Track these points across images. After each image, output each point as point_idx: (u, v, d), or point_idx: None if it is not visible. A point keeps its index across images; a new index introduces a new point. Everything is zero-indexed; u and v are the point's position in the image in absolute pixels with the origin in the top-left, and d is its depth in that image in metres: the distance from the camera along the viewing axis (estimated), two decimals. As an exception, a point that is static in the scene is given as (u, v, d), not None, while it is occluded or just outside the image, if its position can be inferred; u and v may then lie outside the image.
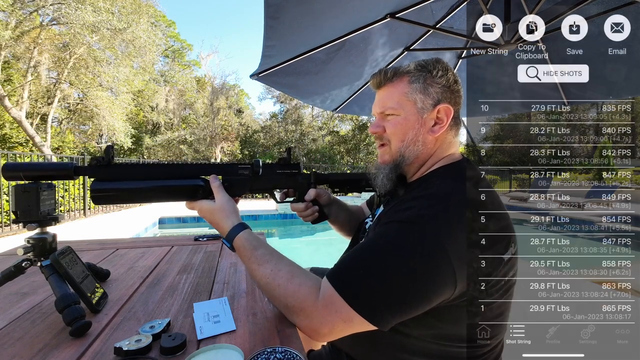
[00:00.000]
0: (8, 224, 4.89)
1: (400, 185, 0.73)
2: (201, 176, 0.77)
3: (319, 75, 2.20)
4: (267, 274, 0.63)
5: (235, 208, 0.75)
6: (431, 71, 0.69)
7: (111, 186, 0.69)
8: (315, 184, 0.90)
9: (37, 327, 0.63)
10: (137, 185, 0.71)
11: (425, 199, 0.61)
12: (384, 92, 0.73)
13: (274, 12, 1.37)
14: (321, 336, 0.58)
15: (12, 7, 9.37)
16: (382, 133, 0.73)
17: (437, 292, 0.55)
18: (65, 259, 0.69)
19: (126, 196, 0.71)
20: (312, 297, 0.57)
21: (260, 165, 0.81)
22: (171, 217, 7.31)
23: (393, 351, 0.65)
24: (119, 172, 0.70)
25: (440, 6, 1.95)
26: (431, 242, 0.54)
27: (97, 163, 0.68)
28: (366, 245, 0.61)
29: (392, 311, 0.54)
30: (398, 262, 0.54)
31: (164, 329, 0.61)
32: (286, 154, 0.88)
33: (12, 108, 10.11)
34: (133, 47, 11.74)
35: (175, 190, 0.74)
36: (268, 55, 1.74)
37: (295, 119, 19.88)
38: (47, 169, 0.67)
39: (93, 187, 0.68)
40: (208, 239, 1.39)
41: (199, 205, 0.75)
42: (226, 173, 0.79)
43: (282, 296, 0.60)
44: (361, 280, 0.55)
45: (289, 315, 0.61)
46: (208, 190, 0.76)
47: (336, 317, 0.55)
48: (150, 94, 16.70)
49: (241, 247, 0.68)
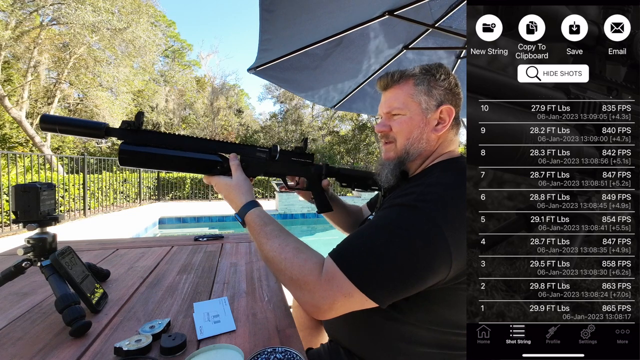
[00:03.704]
0: (8, 224, 4.89)
1: (403, 180, 0.77)
2: (221, 153, 0.80)
3: (317, 70, 2.20)
4: (275, 248, 0.65)
5: (250, 187, 0.78)
6: (435, 75, 0.74)
7: (138, 149, 0.72)
8: (325, 175, 0.96)
9: (37, 327, 0.63)
10: (162, 152, 0.74)
11: (425, 185, 0.64)
12: (391, 93, 0.77)
13: (269, 5, 1.37)
14: (322, 312, 0.59)
15: (12, 7, 9.37)
16: (388, 132, 0.77)
17: (433, 270, 0.57)
18: (65, 259, 0.69)
19: (150, 161, 0.74)
20: (316, 272, 0.59)
21: (278, 151, 0.85)
22: (171, 217, 7.32)
23: (391, 341, 0.66)
24: (147, 137, 0.72)
25: (439, 5, 1.95)
26: (429, 223, 0.57)
27: (128, 127, 0.70)
28: (367, 226, 0.63)
29: (389, 287, 0.57)
30: (397, 241, 0.57)
31: (164, 329, 0.61)
32: (302, 143, 0.92)
33: (12, 108, 10.12)
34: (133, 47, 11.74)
35: (195, 163, 0.77)
36: (265, 49, 1.74)
37: (295, 119, 19.89)
38: (81, 126, 0.69)
39: (122, 148, 0.70)
40: (208, 239, 1.40)
41: (216, 179, 0.79)
42: (245, 154, 0.83)
43: (287, 269, 0.62)
44: (362, 258, 0.57)
45: (292, 289, 0.63)
46: (226, 167, 0.79)
47: (337, 292, 0.57)
48: (150, 94, 16.70)
49: (252, 222, 0.72)
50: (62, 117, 0.68)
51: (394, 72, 0.76)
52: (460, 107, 0.76)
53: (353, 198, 8.81)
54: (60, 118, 0.68)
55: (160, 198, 10.14)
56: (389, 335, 0.67)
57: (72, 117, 0.75)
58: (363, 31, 1.91)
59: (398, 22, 1.87)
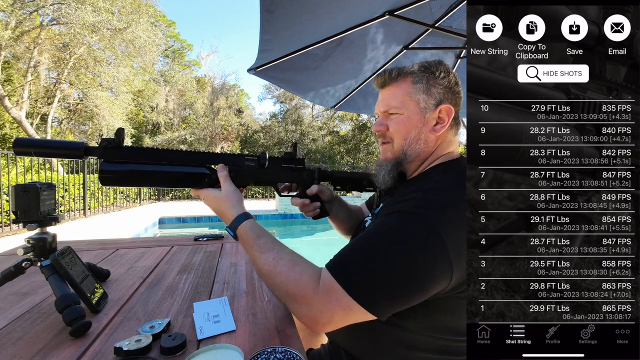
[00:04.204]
0: (8, 224, 4.89)
1: (401, 182, 0.75)
2: (208, 165, 0.78)
3: (317, 71, 2.20)
4: (269, 262, 0.63)
5: (241, 198, 0.76)
6: (434, 72, 0.71)
7: (119, 168, 0.69)
8: (318, 180, 0.92)
9: (37, 327, 0.63)
10: (145, 168, 0.71)
11: (424, 191, 0.62)
12: (388, 91, 0.74)
13: (269, 5, 1.37)
14: (320, 325, 0.58)
15: (12, 7, 9.37)
16: (385, 131, 0.74)
17: (434, 281, 0.55)
18: (65, 259, 0.69)
19: (133, 179, 0.72)
20: (313, 286, 0.58)
21: (267, 158, 0.82)
22: (171, 217, 7.32)
23: (392, 346, 0.65)
24: (128, 154, 0.70)
25: (439, 5, 1.95)
26: (429, 232, 0.55)
27: (108, 144, 0.68)
28: (365, 235, 0.61)
29: (390, 300, 0.55)
30: (397, 252, 0.55)
31: (164, 329, 0.61)
32: (292, 149, 0.89)
33: (12, 108, 10.12)
34: (133, 47, 11.74)
35: (182, 177, 0.75)
36: (265, 49, 1.74)
37: (295, 119, 19.88)
38: (58, 147, 0.66)
39: (102, 168, 0.68)
40: (208, 239, 1.40)
41: (204, 193, 0.76)
42: (233, 164, 0.80)
43: (283, 284, 0.60)
44: (360, 270, 0.56)
45: (289, 303, 0.61)
46: (214, 179, 0.77)
47: (336, 306, 0.55)
48: (150, 94, 16.69)
49: (244, 235, 0.69)
50: (37, 140, 0.66)
51: (392, 69, 0.74)
52: (460, 106, 0.74)
53: (353, 198, 8.81)
54: (35, 141, 0.65)
55: (160, 198, 10.15)
56: (388, 341, 0.65)
57: (47, 138, 0.73)
58: (363, 31, 1.92)
59: (398, 22, 1.87)
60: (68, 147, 0.66)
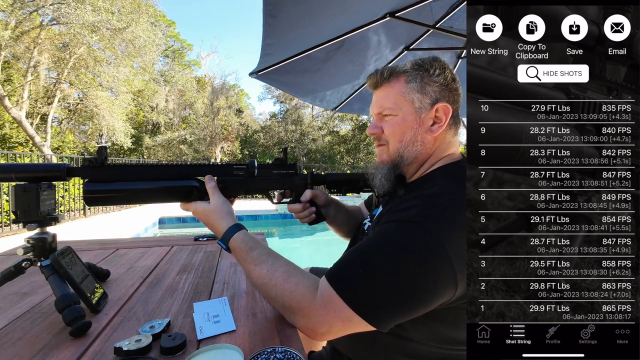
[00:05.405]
0: (8, 224, 4.89)
1: (400, 186, 0.72)
2: (196, 177, 0.76)
3: (318, 73, 2.20)
4: (264, 274, 0.62)
5: (231, 209, 0.74)
6: (428, 70, 0.68)
7: (104, 187, 0.68)
8: (312, 184, 0.89)
9: (37, 327, 0.63)
10: (131, 186, 0.70)
11: (425, 198, 0.60)
12: (381, 92, 0.72)
13: (272, 10, 1.37)
14: (319, 335, 0.57)
15: (12, 7, 9.37)
16: (380, 134, 0.72)
17: (437, 293, 0.54)
18: (65, 259, 0.69)
19: (119, 197, 0.71)
20: (310, 297, 0.57)
21: (256, 166, 0.80)
22: (171, 217, 7.31)
23: (393, 355, 0.64)
24: (112, 173, 0.69)
25: (439, 5, 1.95)
26: (431, 242, 0.54)
27: (90, 164, 0.67)
28: (365, 244, 0.60)
29: (391, 312, 0.54)
30: (397, 262, 0.53)
31: (164, 329, 0.61)
32: (282, 154, 0.87)
33: (12, 108, 10.10)
34: (133, 47, 11.72)
35: (169, 191, 0.73)
36: (267, 53, 1.74)
37: (295, 119, 19.88)
38: (38, 170, 0.66)
39: (86, 189, 0.67)
40: (208, 239, 1.39)
41: (193, 206, 0.74)
42: (221, 174, 0.78)
43: (279, 296, 0.60)
44: (360, 280, 0.54)
45: (286, 315, 0.61)
46: (203, 191, 0.75)
47: (335, 317, 0.54)
48: (150, 94, 16.67)
49: (237, 248, 0.68)
50: (18, 165, 0.66)
51: (384, 69, 0.71)
52: (459, 104, 0.71)
53: (353, 198, 8.80)
54: (15, 166, 0.65)
55: (160, 198, 10.12)
56: (390, 350, 0.65)
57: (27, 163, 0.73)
58: (364, 33, 1.92)
59: (399, 23, 1.87)
60: (50, 170, 0.66)
